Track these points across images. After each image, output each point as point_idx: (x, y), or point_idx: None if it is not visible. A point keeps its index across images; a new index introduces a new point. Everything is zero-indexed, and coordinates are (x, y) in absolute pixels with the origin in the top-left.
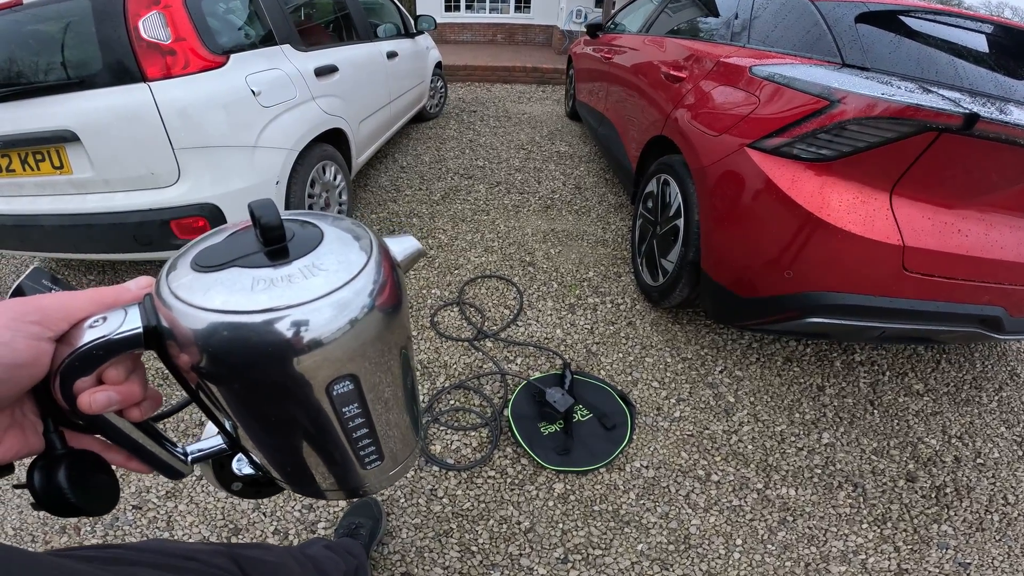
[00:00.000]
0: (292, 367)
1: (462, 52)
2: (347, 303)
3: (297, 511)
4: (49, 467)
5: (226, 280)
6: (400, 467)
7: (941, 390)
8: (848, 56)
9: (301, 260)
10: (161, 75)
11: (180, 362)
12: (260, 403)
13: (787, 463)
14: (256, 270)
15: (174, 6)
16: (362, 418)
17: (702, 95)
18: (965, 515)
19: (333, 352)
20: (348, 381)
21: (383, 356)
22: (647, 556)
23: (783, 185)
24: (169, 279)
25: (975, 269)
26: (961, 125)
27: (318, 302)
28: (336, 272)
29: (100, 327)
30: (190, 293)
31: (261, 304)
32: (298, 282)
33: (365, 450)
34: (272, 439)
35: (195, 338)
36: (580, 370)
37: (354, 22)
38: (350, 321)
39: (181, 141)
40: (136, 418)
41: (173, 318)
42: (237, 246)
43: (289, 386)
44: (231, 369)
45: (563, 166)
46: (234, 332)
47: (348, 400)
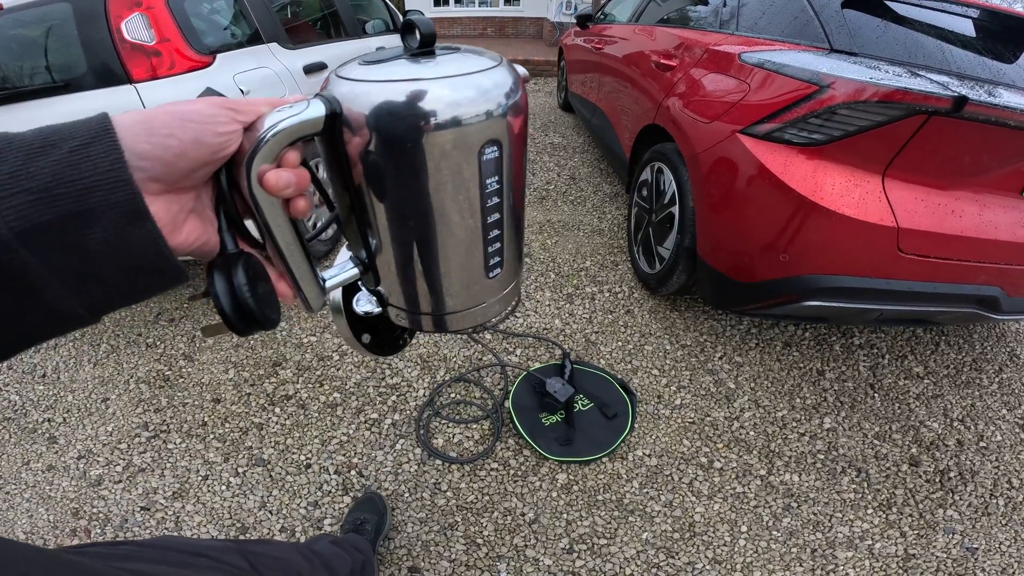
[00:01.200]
0: (455, 124)
1: None
2: (496, 78)
3: (303, 508)
4: (224, 265)
5: (393, 64)
6: (510, 288)
7: (941, 372)
8: (836, 41)
9: (450, 55)
10: (147, 76)
11: (351, 148)
12: (417, 179)
13: (789, 449)
14: (415, 60)
15: (156, 7)
16: (497, 197)
17: (693, 83)
18: (970, 499)
19: (483, 116)
20: (495, 147)
21: (518, 139)
22: (652, 544)
23: (776, 170)
24: (342, 72)
25: (970, 249)
26: (950, 108)
27: (478, 74)
28: (487, 62)
29: (287, 111)
30: (366, 73)
31: (426, 74)
32: (454, 61)
33: (492, 246)
34: (417, 229)
35: (370, 111)
36: (580, 360)
37: (342, 19)
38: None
39: None
40: (303, 209)
41: (351, 94)
42: (393, 53)
43: (449, 148)
44: (401, 139)
45: (557, 157)
46: (407, 96)
47: (492, 170)
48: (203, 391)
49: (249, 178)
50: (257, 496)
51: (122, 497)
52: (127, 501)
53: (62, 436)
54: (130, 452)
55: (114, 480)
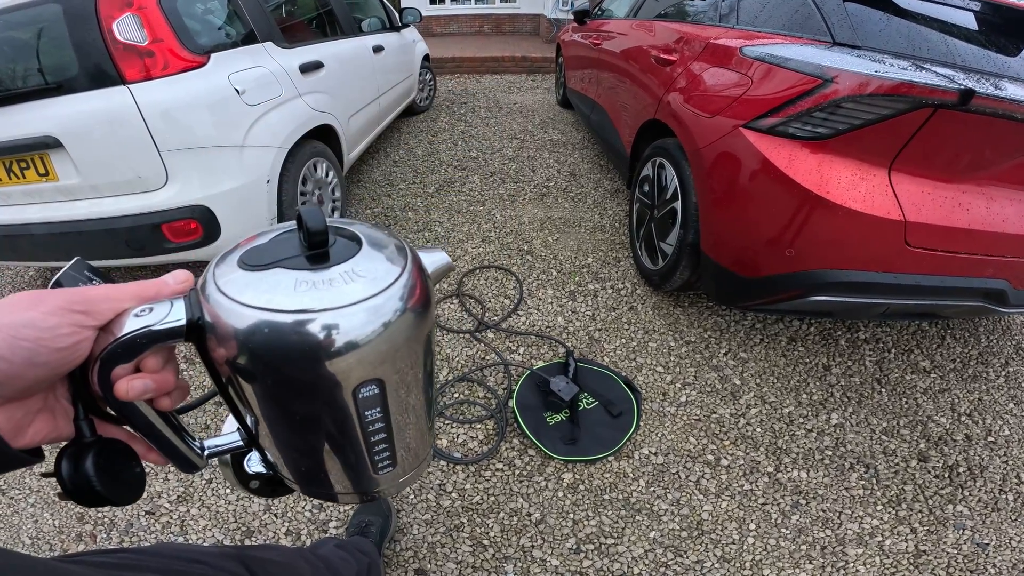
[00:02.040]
0: (326, 367)
1: (450, 44)
2: (381, 309)
3: (308, 511)
4: (77, 455)
5: (270, 280)
6: (411, 474)
7: (948, 366)
8: (838, 34)
9: (341, 266)
10: (141, 77)
11: (217, 355)
12: (288, 400)
13: (797, 445)
14: (299, 272)
15: (148, 7)
16: (382, 423)
17: (694, 77)
18: (980, 495)
19: (365, 355)
20: (374, 385)
21: (408, 363)
22: (660, 543)
23: (780, 164)
24: (216, 274)
25: (977, 242)
26: (957, 101)
27: (355, 306)
28: (373, 279)
29: (146, 317)
30: (236, 289)
31: (303, 304)
32: (338, 286)
33: (380, 455)
34: (293, 437)
35: (236, 334)
36: (583, 357)
37: (337, 17)
38: (383, 325)
39: (166, 143)
40: (166, 407)
41: (217, 313)
42: (282, 248)
43: (319, 385)
44: (267, 366)
45: (557, 154)
46: (275, 330)
47: (372, 404)
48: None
49: (102, 386)
50: (261, 499)
51: None
52: (131, 506)
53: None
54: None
55: None
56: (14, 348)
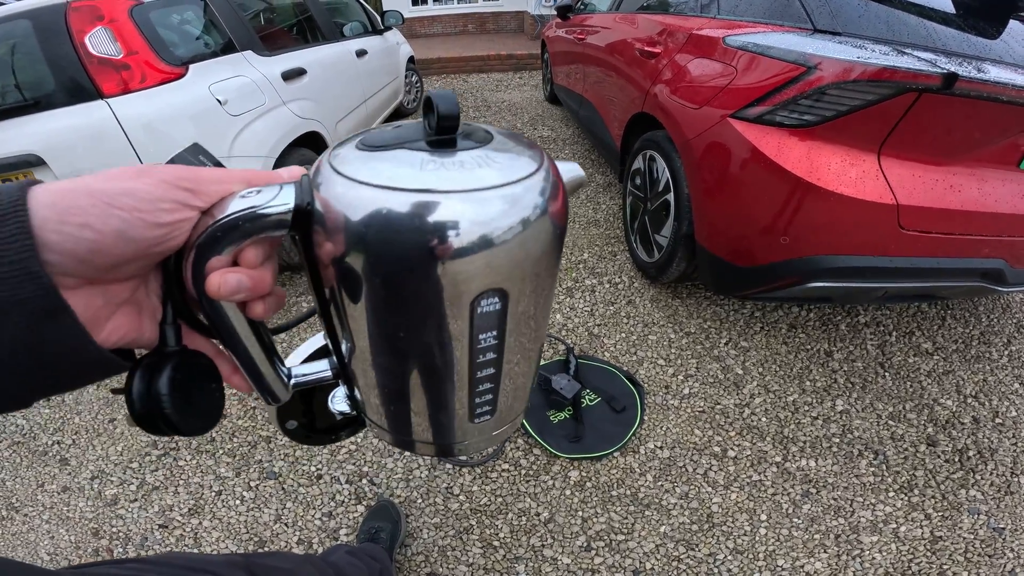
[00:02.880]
0: (445, 265)
1: (434, 45)
2: (520, 201)
3: (318, 519)
4: (154, 365)
5: (392, 158)
6: (504, 428)
7: (950, 347)
8: (819, 21)
9: (473, 151)
10: (119, 91)
11: (323, 252)
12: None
13: (803, 434)
14: (426, 153)
15: (120, 20)
16: (494, 353)
17: (679, 69)
18: (992, 478)
19: (493, 256)
20: (497, 298)
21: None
22: (671, 538)
23: (770, 153)
24: (331, 156)
25: (972, 223)
26: (941, 85)
27: (490, 191)
28: (510, 168)
29: (252, 198)
30: (351, 168)
31: (428, 184)
32: (470, 169)
33: (482, 397)
34: (390, 363)
35: (347, 218)
36: (584, 354)
37: (317, 23)
38: (521, 222)
39: (151, 157)
40: (259, 315)
41: (328, 196)
42: (406, 133)
43: (434, 290)
44: (379, 259)
45: (547, 150)
46: (393, 212)
47: (490, 324)
48: None
49: (195, 277)
50: (272, 509)
51: (139, 515)
52: (144, 519)
53: (73, 457)
54: (142, 471)
55: (129, 499)
56: (107, 217)
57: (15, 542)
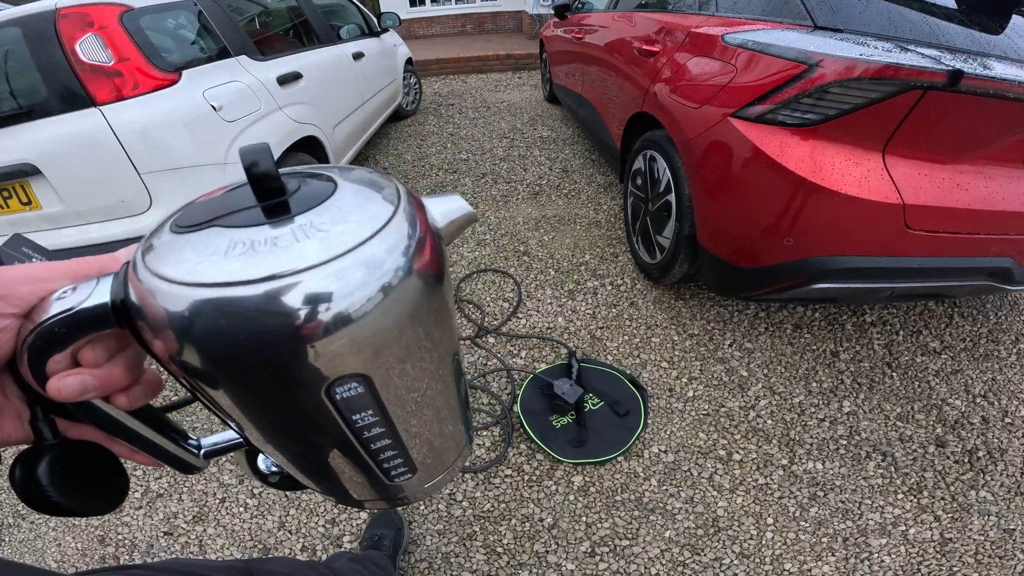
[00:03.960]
0: (272, 360)
1: (433, 46)
2: (347, 275)
3: (322, 526)
4: (31, 459)
5: (199, 243)
6: (440, 477)
7: (958, 346)
8: (819, 18)
9: (298, 219)
10: (112, 98)
11: (155, 348)
12: (245, 407)
13: (810, 436)
14: (238, 230)
15: (110, 26)
16: (381, 428)
17: (678, 68)
18: (1002, 479)
19: (328, 347)
20: (354, 383)
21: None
22: (676, 542)
23: (772, 152)
24: (146, 242)
25: (979, 222)
26: (946, 82)
27: (306, 272)
28: (341, 233)
29: (68, 298)
30: (157, 259)
31: (228, 274)
32: (285, 246)
33: (390, 463)
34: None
35: (155, 314)
36: (586, 357)
37: (313, 26)
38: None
39: (146, 165)
40: (124, 406)
41: (140, 289)
42: (232, 200)
43: (276, 388)
44: (205, 359)
45: (547, 151)
46: (194, 309)
47: (358, 407)
48: (209, 413)
49: (39, 383)
50: (275, 516)
51: (144, 523)
52: (150, 527)
53: None
54: (146, 479)
55: (134, 506)
56: None
57: (22, 549)
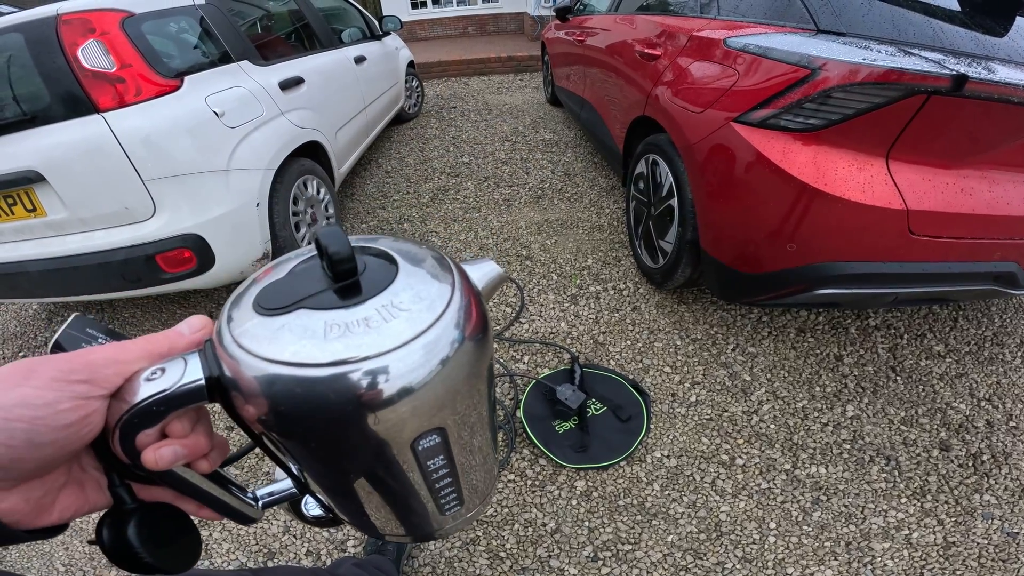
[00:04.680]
0: (375, 422)
1: (434, 48)
2: (432, 348)
3: (325, 532)
4: (118, 523)
5: (294, 325)
6: (477, 509)
7: (963, 349)
8: (822, 21)
9: (377, 298)
10: (114, 105)
11: (246, 414)
12: (335, 459)
13: (813, 440)
14: (327, 312)
15: (112, 32)
16: (447, 468)
17: (680, 72)
18: (1006, 483)
19: (420, 405)
20: (435, 435)
21: (471, 401)
22: (678, 547)
23: (775, 158)
24: (231, 324)
25: (983, 227)
26: (950, 87)
27: (401, 350)
28: (419, 312)
29: (159, 380)
30: (255, 341)
31: (337, 355)
32: (377, 326)
33: (447, 497)
34: (345, 491)
35: (262, 392)
36: (589, 362)
37: (314, 30)
38: (439, 365)
39: (149, 172)
40: (205, 470)
41: (237, 369)
42: (303, 282)
43: (369, 443)
44: (305, 427)
45: (549, 154)
46: (308, 388)
47: (434, 453)
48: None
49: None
50: (280, 521)
51: None
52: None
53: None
54: None
55: None
56: (10, 431)
57: (30, 552)
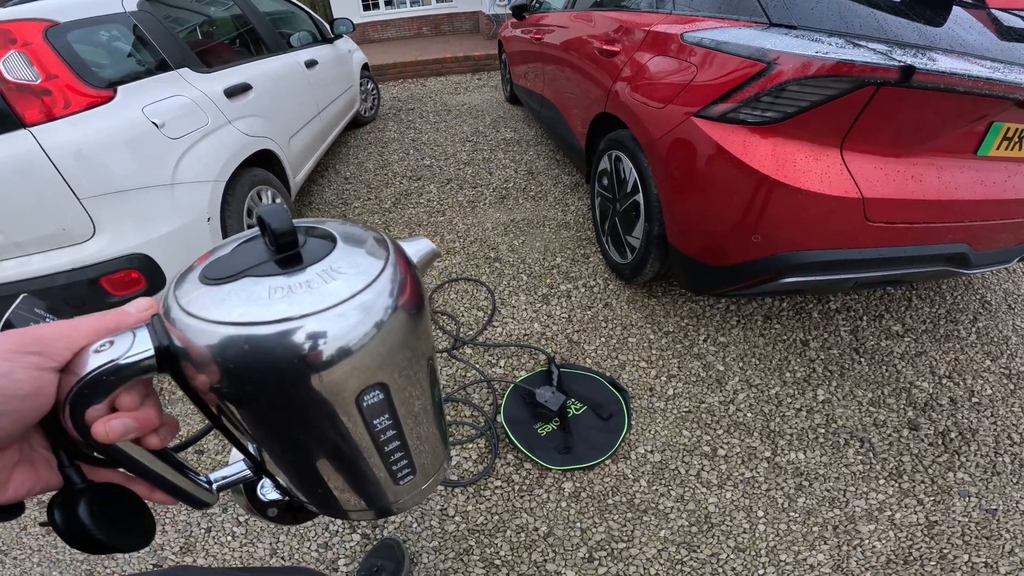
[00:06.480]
0: (321, 379)
1: (389, 50)
2: (371, 306)
3: (314, 551)
4: (69, 503)
5: (240, 291)
6: (431, 480)
7: (920, 328)
8: (774, 15)
9: (317, 265)
10: (42, 118)
11: (198, 383)
12: (287, 422)
13: (789, 426)
14: (271, 278)
15: (35, 43)
16: (394, 429)
17: (639, 68)
18: (976, 459)
19: (361, 360)
20: (378, 390)
21: (411, 361)
22: (672, 541)
23: (736, 152)
24: (178, 295)
25: (935, 211)
26: (899, 78)
27: (342, 306)
28: (355, 275)
29: (107, 351)
30: (203, 308)
31: (282, 313)
32: (318, 287)
33: (398, 464)
34: (300, 459)
35: (212, 356)
36: (566, 362)
37: (260, 35)
38: (376, 324)
39: (85, 189)
40: (155, 446)
41: (186, 336)
42: (247, 256)
43: (317, 400)
44: (255, 387)
45: (512, 153)
46: (257, 345)
47: (379, 411)
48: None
49: (79, 430)
50: (265, 543)
51: (131, 555)
52: (137, 559)
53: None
54: None
55: None
56: None
57: None
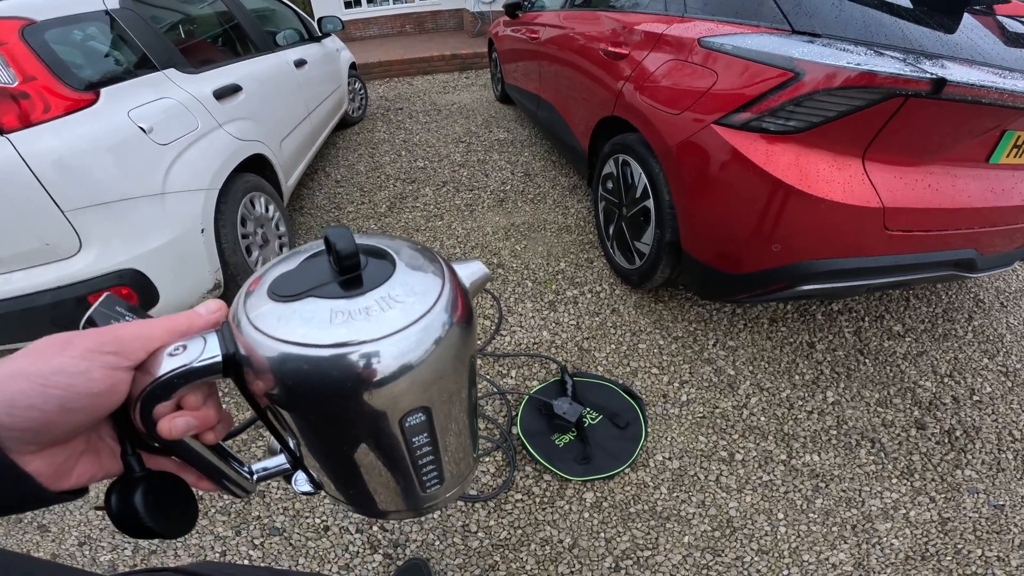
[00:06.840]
0: (368, 399)
1: (373, 48)
2: (422, 336)
3: (337, 573)
4: (126, 490)
5: (304, 311)
6: (458, 487)
7: (919, 328)
8: (796, 22)
9: (376, 291)
10: (19, 124)
11: (255, 389)
12: (331, 432)
13: (802, 429)
14: (333, 301)
15: (10, 43)
16: (429, 447)
17: (653, 72)
18: (982, 456)
19: (407, 385)
20: (421, 413)
21: (453, 386)
22: (696, 547)
23: (759, 160)
24: (247, 307)
25: (948, 218)
26: (930, 90)
27: (395, 336)
28: (412, 304)
29: (180, 356)
30: (269, 324)
31: (340, 337)
32: (375, 315)
33: (428, 475)
34: (337, 464)
35: (273, 369)
36: (578, 371)
37: (248, 33)
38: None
39: (69, 201)
40: (211, 441)
41: (251, 347)
42: (312, 274)
43: (362, 418)
44: (309, 400)
45: (507, 154)
46: (314, 365)
47: (418, 431)
48: None
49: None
50: (284, 567)
51: None
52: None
53: (52, 524)
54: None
55: (127, 564)
56: (46, 397)
57: None
